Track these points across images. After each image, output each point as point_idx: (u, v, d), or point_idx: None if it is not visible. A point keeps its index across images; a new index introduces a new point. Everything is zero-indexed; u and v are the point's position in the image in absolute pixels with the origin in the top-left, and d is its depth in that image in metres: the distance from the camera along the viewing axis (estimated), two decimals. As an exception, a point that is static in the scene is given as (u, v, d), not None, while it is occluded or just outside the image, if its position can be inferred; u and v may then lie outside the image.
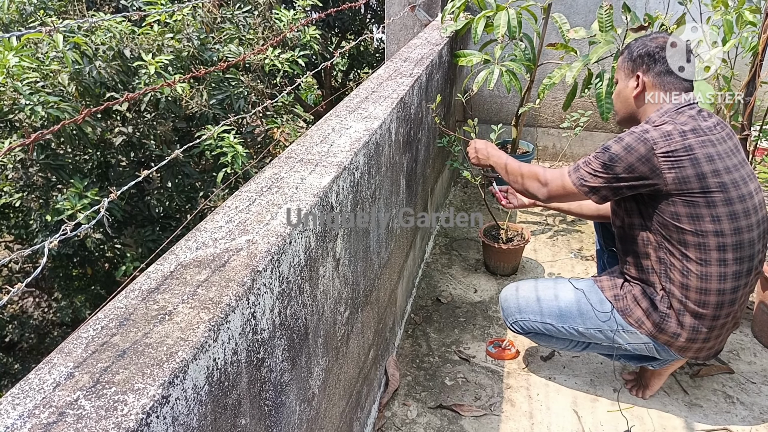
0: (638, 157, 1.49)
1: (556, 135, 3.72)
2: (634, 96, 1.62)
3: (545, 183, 1.69)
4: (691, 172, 1.47)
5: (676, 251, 1.55)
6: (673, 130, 1.49)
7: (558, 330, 1.77)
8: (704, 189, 1.48)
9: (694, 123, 1.52)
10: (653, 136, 1.49)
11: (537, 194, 1.73)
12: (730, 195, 1.49)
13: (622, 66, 1.65)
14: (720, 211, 1.49)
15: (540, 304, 1.79)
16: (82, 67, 3.10)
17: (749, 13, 2.21)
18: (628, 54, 1.63)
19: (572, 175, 1.61)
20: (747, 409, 1.87)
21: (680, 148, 1.47)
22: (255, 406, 0.94)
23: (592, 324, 1.71)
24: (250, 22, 4.07)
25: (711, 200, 1.49)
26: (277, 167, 1.31)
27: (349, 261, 1.43)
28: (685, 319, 1.58)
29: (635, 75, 1.61)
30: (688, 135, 1.49)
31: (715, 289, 1.54)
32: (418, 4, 3.41)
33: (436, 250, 2.85)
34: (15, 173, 3.42)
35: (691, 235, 1.51)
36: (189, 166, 3.71)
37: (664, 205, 1.53)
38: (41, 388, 0.67)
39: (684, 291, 1.57)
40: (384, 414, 1.87)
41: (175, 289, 0.86)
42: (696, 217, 1.50)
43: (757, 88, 2.19)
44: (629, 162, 1.50)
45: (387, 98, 1.83)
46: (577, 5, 3.35)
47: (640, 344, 1.69)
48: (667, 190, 1.49)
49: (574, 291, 1.76)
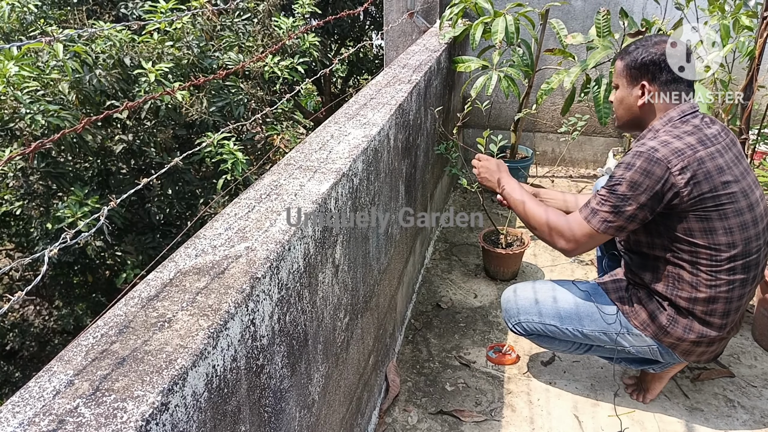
0: (657, 179, 1.44)
1: (555, 140, 3.73)
2: (639, 105, 1.58)
3: (572, 239, 1.57)
4: (705, 187, 1.44)
5: (686, 264, 1.53)
6: (682, 146, 1.45)
7: (561, 332, 1.75)
8: (717, 202, 1.45)
9: (700, 133, 1.49)
10: (664, 154, 1.44)
11: (564, 251, 1.62)
12: (740, 205, 1.48)
13: (624, 72, 1.60)
14: (732, 222, 1.47)
15: (543, 306, 1.77)
16: (83, 75, 3.12)
17: (746, 18, 2.22)
18: (631, 61, 1.57)
19: (592, 220, 1.53)
20: (748, 412, 1.87)
21: (693, 162, 1.44)
22: (255, 413, 0.94)
23: (596, 326, 1.70)
24: (250, 30, 4.08)
25: (723, 212, 1.46)
26: (276, 174, 1.31)
27: (349, 267, 1.43)
28: (693, 324, 1.58)
29: (639, 83, 1.56)
30: (697, 148, 1.46)
31: (724, 297, 1.54)
32: (416, 10, 3.43)
33: (436, 256, 2.86)
34: (16, 181, 3.43)
35: (704, 248, 1.49)
36: (189, 174, 3.72)
37: (676, 222, 1.49)
38: (41, 396, 0.68)
39: (692, 300, 1.56)
40: (384, 420, 1.87)
41: (175, 297, 0.86)
42: (709, 231, 1.48)
43: (755, 91, 2.20)
44: (649, 186, 1.44)
45: (386, 105, 1.84)
46: (575, 11, 3.36)
47: (644, 347, 1.68)
48: (682, 207, 1.46)
49: (579, 292, 1.75)
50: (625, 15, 2.59)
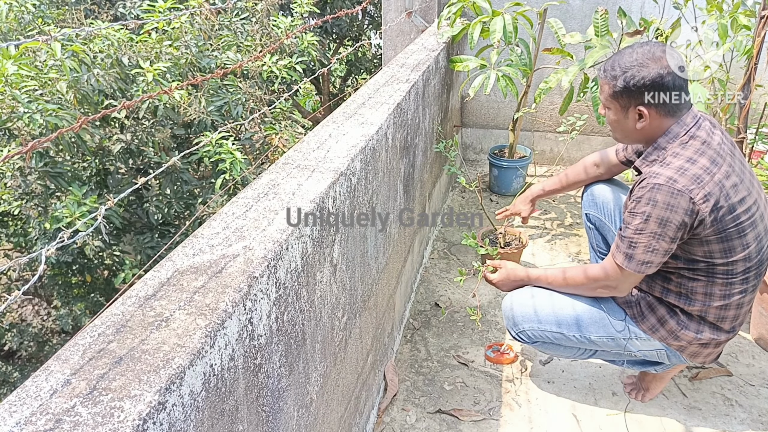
0: (684, 211, 1.39)
1: (553, 139, 3.74)
2: (639, 128, 1.50)
3: (615, 288, 1.57)
4: (726, 209, 1.41)
5: (701, 277, 1.52)
6: (699, 171, 1.40)
7: (568, 338, 1.70)
8: (736, 221, 1.43)
9: (710, 151, 1.44)
10: (685, 184, 1.39)
11: (612, 296, 1.64)
12: (754, 218, 1.46)
13: (614, 97, 1.49)
14: (749, 237, 1.45)
15: (546, 313, 1.70)
16: (81, 75, 3.11)
17: (744, 17, 2.22)
18: (623, 85, 1.45)
19: (629, 265, 1.49)
20: (746, 411, 1.87)
21: (714, 188, 1.40)
22: (252, 412, 0.94)
23: (604, 332, 1.66)
24: (248, 29, 4.08)
25: (741, 228, 1.44)
26: (273, 173, 1.31)
27: (347, 266, 1.43)
28: (703, 329, 1.58)
29: (635, 108, 1.48)
30: (713, 170, 1.41)
31: (735, 304, 1.54)
32: (414, 10, 3.43)
33: (435, 255, 2.86)
34: (14, 181, 3.42)
35: (722, 266, 1.48)
36: (187, 173, 3.72)
37: (696, 246, 1.47)
38: (38, 395, 0.68)
39: (704, 309, 1.55)
40: (383, 419, 1.87)
41: (172, 296, 0.86)
42: (729, 250, 1.45)
43: (752, 91, 2.20)
44: (677, 220, 1.40)
45: (384, 104, 1.84)
46: (573, 10, 3.37)
47: (652, 351, 1.66)
48: (705, 233, 1.43)
49: (584, 298, 1.69)
50: (623, 14, 2.59)
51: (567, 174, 2.12)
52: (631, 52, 1.46)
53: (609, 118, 1.57)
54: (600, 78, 1.53)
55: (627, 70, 1.45)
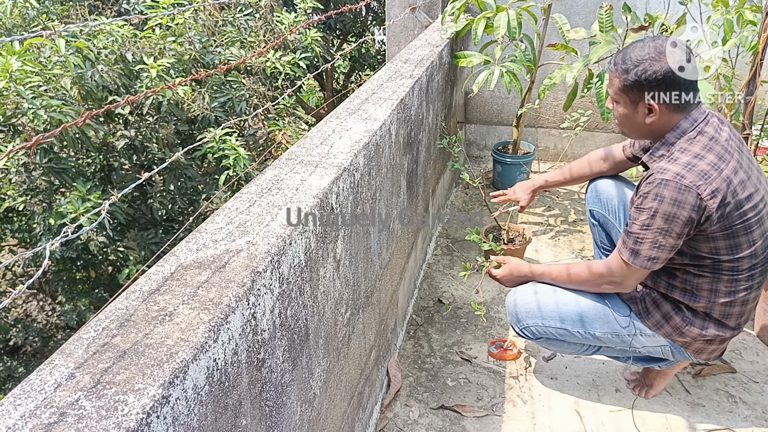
0: (691, 207, 1.38)
1: (557, 135, 3.73)
2: (648, 122, 1.49)
3: (620, 282, 1.56)
4: (733, 206, 1.41)
5: (707, 273, 1.51)
6: (707, 167, 1.40)
7: (572, 334, 1.69)
8: (743, 217, 1.42)
9: (718, 147, 1.43)
10: (692, 180, 1.38)
11: (617, 291, 1.63)
12: (761, 215, 1.45)
13: (624, 91, 1.48)
14: (756, 234, 1.45)
15: (551, 309, 1.70)
16: (85, 71, 3.12)
17: (750, 13, 2.21)
18: (634, 79, 1.44)
19: (635, 261, 1.48)
20: (749, 408, 1.87)
21: (722, 184, 1.39)
22: (256, 407, 0.94)
23: (609, 328, 1.66)
24: (252, 25, 4.08)
25: (748, 225, 1.43)
26: (277, 169, 1.31)
27: (350, 262, 1.43)
28: (708, 325, 1.57)
29: (644, 102, 1.47)
30: (720, 166, 1.41)
31: (740, 300, 1.53)
32: (418, 5, 3.42)
33: (438, 251, 2.86)
34: (18, 177, 3.43)
35: (728, 262, 1.48)
36: (191, 169, 3.72)
37: (702, 243, 1.46)
38: (42, 389, 0.68)
39: (709, 304, 1.54)
40: (386, 415, 1.87)
41: (176, 290, 0.86)
42: (735, 246, 1.45)
43: (758, 87, 2.19)
44: (684, 216, 1.40)
45: (387, 100, 1.84)
46: (578, 6, 3.35)
47: (657, 347, 1.66)
48: (712, 230, 1.43)
49: (589, 294, 1.69)
50: (628, 10, 2.58)
51: (571, 168, 2.11)
52: (642, 46, 1.45)
53: (617, 112, 1.55)
54: (610, 71, 1.51)
55: (639, 64, 1.43)
